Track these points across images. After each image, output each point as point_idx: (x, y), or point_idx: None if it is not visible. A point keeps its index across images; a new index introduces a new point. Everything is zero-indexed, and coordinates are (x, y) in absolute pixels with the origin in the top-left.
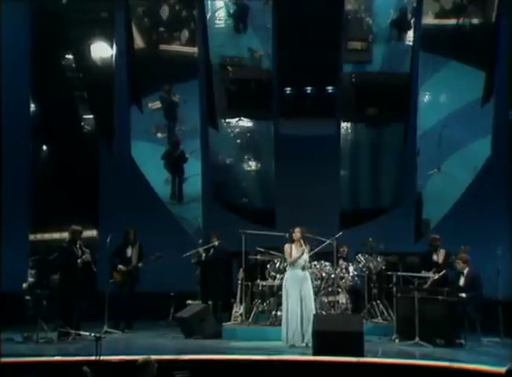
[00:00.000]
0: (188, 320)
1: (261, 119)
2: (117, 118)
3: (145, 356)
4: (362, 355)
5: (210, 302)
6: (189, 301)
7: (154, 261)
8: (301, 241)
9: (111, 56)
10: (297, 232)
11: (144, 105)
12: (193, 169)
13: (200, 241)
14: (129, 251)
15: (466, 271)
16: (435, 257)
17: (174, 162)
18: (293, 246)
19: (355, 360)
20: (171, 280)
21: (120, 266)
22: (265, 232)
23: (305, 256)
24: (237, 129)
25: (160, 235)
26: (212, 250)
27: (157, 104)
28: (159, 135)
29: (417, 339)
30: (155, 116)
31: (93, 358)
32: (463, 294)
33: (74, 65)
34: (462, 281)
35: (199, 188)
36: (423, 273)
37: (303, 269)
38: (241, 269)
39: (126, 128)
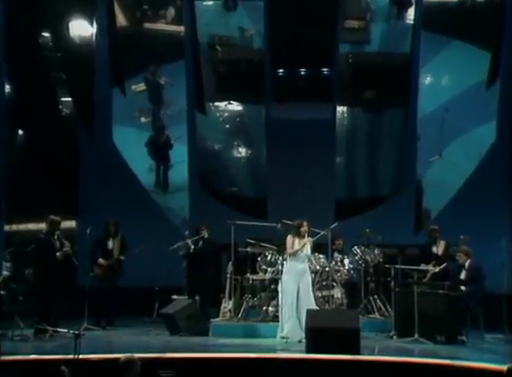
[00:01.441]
0: (174, 317)
1: (251, 103)
2: (98, 102)
3: (128, 355)
4: (358, 353)
5: (197, 297)
6: (175, 297)
7: (137, 253)
8: (306, 235)
9: (92, 34)
10: (306, 227)
11: (127, 88)
12: (179, 156)
13: (187, 232)
14: (110, 243)
15: (467, 263)
16: (435, 249)
17: (159, 149)
18: (296, 239)
19: (351, 358)
20: (156, 273)
21: (101, 259)
22: (256, 222)
23: (308, 250)
24: (226, 114)
25: (144, 226)
26: (201, 243)
27: (141, 87)
28: (143, 120)
29: (416, 336)
30: (139, 99)
31: (71, 357)
32: (463, 288)
33: (51, 44)
34: (463, 274)
35: (185, 176)
36: (423, 266)
37: (302, 262)
38: (230, 262)
39: (107, 112)
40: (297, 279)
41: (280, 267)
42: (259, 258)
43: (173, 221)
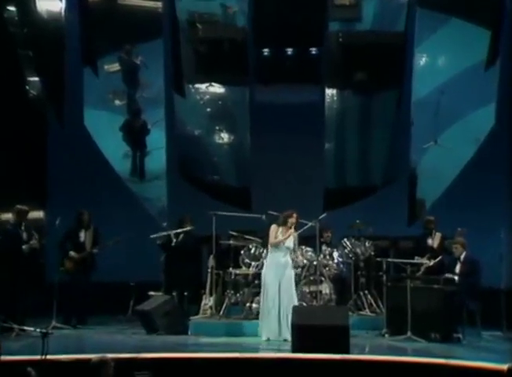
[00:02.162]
0: (151, 314)
1: (234, 85)
2: (68, 82)
3: (100, 355)
4: (347, 352)
5: (175, 293)
6: (152, 293)
7: (111, 246)
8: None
9: (61, 8)
10: (294, 218)
11: (100, 67)
12: (157, 141)
13: (165, 224)
14: (82, 235)
15: (462, 256)
16: (430, 241)
17: (135, 134)
18: (281, 229)
19: (339, 357)
20: (131, 268)
21: (72, 252)
22: (239, 213)
23: (291, 242)
24: (207, 96)
25: (118, 216)
26: (182, 236)
27: (115, 67)
28: (117, 103)
29: (409, 334)
30: (113, 80)
31: (38, 357)
32: (456, 278)
33: (17, 19)
34: (458, 267)
35: (163, 164)
36: (417, 259)
37: (285, 255)
38: (211, 256)
39: (78, 94)
40: (278, 272)
41: (265, 261)
42: (242, 252)
43: (150, 211)
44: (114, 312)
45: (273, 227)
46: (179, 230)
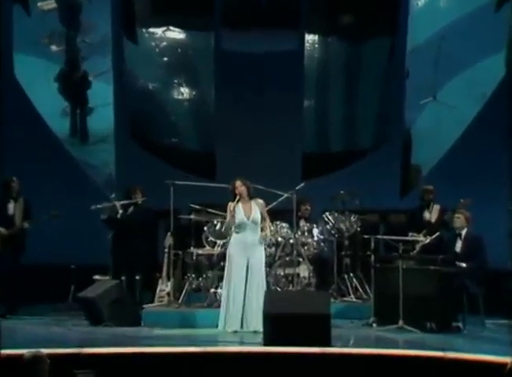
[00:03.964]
0: (95, 302)
1: (197, 29)
2: None
3: (34, 351)
4: (329, 344)
5: (124, 278)
6: (97, 277)
7: (47, 221)
8: (248, 198)
9: None
10: (238, 187)
11: (32, 4)
12: (102, 97)
13: (113, 195)
14: (10, 207)
15: (464, 232)
16: (427, 214)
17: (73, 87)
18: (240, 204)
19: (319, 350)
20: (71, 247)
21: None
22: (202, 183)
23: (256, 215)
24: (164, 43)
25: (56, 186)
26: (132, 208)
27: (51, 4)
28: (54, 48)
29: (401, 323)
30: (48, 21)
31: None
32: (463, 264)
33: None
34: (459, 245)
35: (110, 124)
36: (411, 236)
37: (253, 232)
38: (169, 234)
39: (5, 36)
40: (246, 253)
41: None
42: (206, 228)
43: (94, 180)
44: (50, 300)
45: (228, 205)
46: (127, 201)
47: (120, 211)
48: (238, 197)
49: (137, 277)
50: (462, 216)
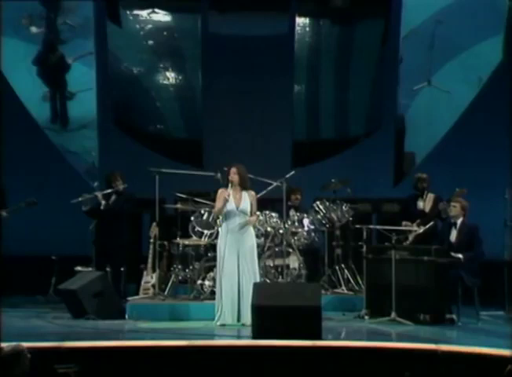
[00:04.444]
0: (78, 294)
1: (183, 12)
2: None
3: (14, 344)
4: (319, 337)
5: (108, 269)
6: (79, 268)
7: (25, 209)
8: (241, 187)
9: None
10: (232, 174)
11: None
12: (84, 82)
13: (95, 184)
14: None
15: (459, 221)
16: (421, 203)
17: (51, 71)
18: (231, 192)
19: (310, 343)
20: (52, 237)
21: None
22: (188, 171)
23: (247, 204)
24: (149, 26)
25: (35, 173)
26: (114, 197)
27: None
28: (34, 30)
29: (393, 315)
30: (29, 2)
31: None
32: (459, 255)
33: None
34: (454, 235)
35: (93, 110)
36: (404, 226)
37: (244, 223)
38: (154, 224)
39: None
40: (236, 243)
41: (220, 230)
42: (192, 218)
43: (75, 168)
44: (31, 292)
45: (219, 192)
46: (108, 190)
47: (103, 202)
48: (230, 184)
49: (122, 269)
50: (459, 205)
